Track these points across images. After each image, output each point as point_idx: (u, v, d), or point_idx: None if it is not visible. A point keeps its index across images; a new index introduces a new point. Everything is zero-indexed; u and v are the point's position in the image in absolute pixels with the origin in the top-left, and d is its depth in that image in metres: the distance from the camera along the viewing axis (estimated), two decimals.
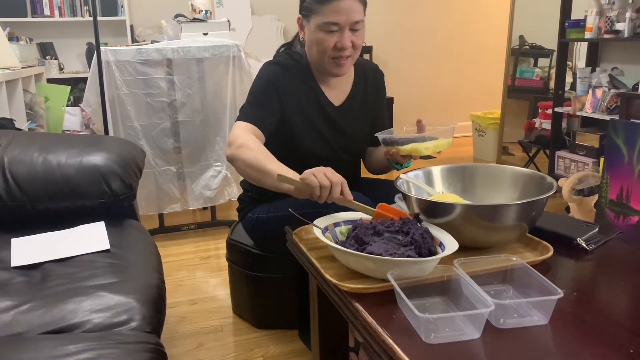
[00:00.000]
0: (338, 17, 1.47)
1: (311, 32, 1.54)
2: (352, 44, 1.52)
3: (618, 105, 2.93)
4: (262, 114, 1.55)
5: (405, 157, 1.42)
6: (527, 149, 3.91)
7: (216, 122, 2.88)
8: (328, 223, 1.21)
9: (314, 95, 1.63)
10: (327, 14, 1.48)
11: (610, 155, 1.81)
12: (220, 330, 1.96)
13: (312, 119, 1.63)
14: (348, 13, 1.47)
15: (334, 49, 1.52)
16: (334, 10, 1.47)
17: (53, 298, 1.21)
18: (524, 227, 1.15)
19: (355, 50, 1.55)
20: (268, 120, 1.55)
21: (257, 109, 1.56)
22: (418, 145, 1.37)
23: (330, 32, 1.50)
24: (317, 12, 1.50)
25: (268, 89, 1.58)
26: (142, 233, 1.68)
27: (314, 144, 1.63)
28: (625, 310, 0.97)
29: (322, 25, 1.50)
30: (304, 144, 1.61)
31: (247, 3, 4.49)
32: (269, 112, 1.56)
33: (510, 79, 4.16)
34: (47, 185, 1.63)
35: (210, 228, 3.00)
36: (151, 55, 2.69)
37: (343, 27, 1.49)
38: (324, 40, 1.51)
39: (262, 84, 1.59)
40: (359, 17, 1.50)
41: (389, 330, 0.88)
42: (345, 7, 1.47)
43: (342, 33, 1.50)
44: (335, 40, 1.50)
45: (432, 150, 1.36)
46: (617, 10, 2.95)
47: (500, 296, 0.98)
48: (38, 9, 4.06)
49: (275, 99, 1.58)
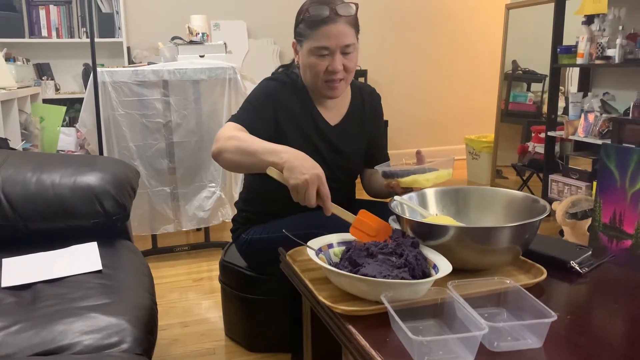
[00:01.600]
0: (328, 41, 1.50)
1: (304, 57, 1.57)
2: (344, 67, 1.54)
3: (610, 129, 2.96)
4: (254, 120, 1.56)
5: (405, 189, 1.41)
6: (521, 172, 3.93)
7: (211, 143, 2.83)
8: (322, 244, 1.20)
9: (310, 114, 1.65)
10: (318, 38, 1.51)
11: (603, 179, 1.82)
12: (212, 353, 1.93)
13: (308, 135, 1.64)
14: (338, 37, 1.50)
15: (326, 73, 1.54)
16: (324, 35, 1.50)
17: (43, 319, 1.19)
18: (517, 249, 1.15)
19: (347, 73, 1.57)
20: (259, 126, 1.55)
21: (249, 115, 1.58)
22: (418, 177, 1.37)
23: (322, 56, 1.53)
24: (309, 37, 1.53)
25: (264, 100, 1.60)
26: (135, 254, 1.67)
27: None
28: (618, 334, 0.97)
29: (313, 49, 1.53)
30: None
31: (243, 26, 4.54)
32: (261, 120, 1.57)
33: (503, 103, 4.20)
34: (40, 205, 1.62)
35: (204, 249, 2.98)
36: (147, 76, 2.71)
37: (334, 51, 1.51)
38: (315, 64, 1.54)
39: (258, 95, 1.61)
40: (350, 41, 1.52)
41: (383, 353, 0.87)
42: (335, 31, 1.49)
43: (333, 57, 1.52)
44: (327, 64, 1.53)
45: (432, 182, 1.37)
46: (607, 36, 3.00)
47: (494, 319, 0.98)
48: (36, 29, 4.09)
49: (270, 110, 1.59)
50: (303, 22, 1.55)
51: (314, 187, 1.22)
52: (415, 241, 1.13)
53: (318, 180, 1.22)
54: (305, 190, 1.21)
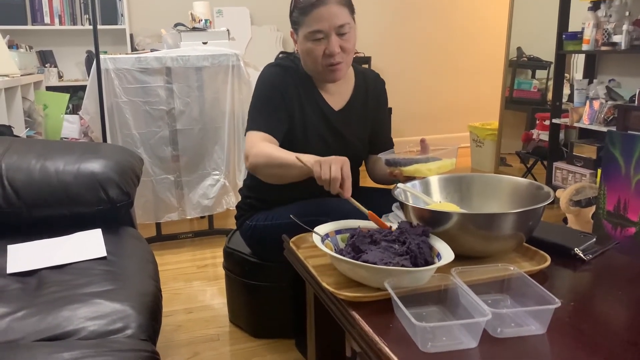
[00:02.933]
0: (321, 24, 1.49)
1: (301, 44, 1.56)
2: (342, 48, 1.53)
3: (615, 116, 2.94)
4: (272, 120, 1.56)
5: (408, 177, 1.41)
6: (525, 160, 3.92)
7: (214, 130, 2.88)
8: (329, 230, 1.21)
9: (313, 99, 1.64)
10: (311, 23, 1.50)
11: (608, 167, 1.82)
12: (216, 339, 1.95)
13: (313, 121, 1.63)
14: (331, 19, 1.49)
15: (325, 57, 1.53)
16: (316, 18, 1.49)
17: (48, 305, 1.20)
18: (520, 236, 1.15)
19: (346, 53, 1.55)
20: (278, 125, 1.57)
21: (265, 116, 1.57)
22: (421, 167, 1.37)
23: (317, 40, 1.52)
24: (302, 23, 1.52)
25: (272, 93, 1.59)
26: (139, 241, 1.67)
27: (316, 146, 1.63)
28: (622, 320, 0.97)
29: (308, 35, 1.52)
30: (306, 146, 1.61)
31: (246, 13, 4.51)
32: (277, 116, 1.58)
33: (508, 91, 4.18)
34: (44, 192, 1.62)
35: (208, 237, 2.99)
36: (150, 63, 2.70)
37: (329, 34, 1.50)
38: (312, 49, 1.53)
39: (265, 89, 1.60)
40: (343, 21, 1.51)
41: (386, 339, 0.87)
42: (327, 13, 1.48)
43: (328, 39, 1.51)
44: (324, 48, 1.52)
45: (435, 171, 1.37)
46: (614, 22, 2.97)
47: (497, 305, 0.98)
48: (38, 17, 4.08)
49: (281, 101, 1.59)
50: (295, 10, 1.54)
51: (339, 164, 1.23)
52: (426, 229, 1.12)
53: (343, 161, 1.25)
54: (330, 163, 1.23)
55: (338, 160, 1.24)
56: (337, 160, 1.24)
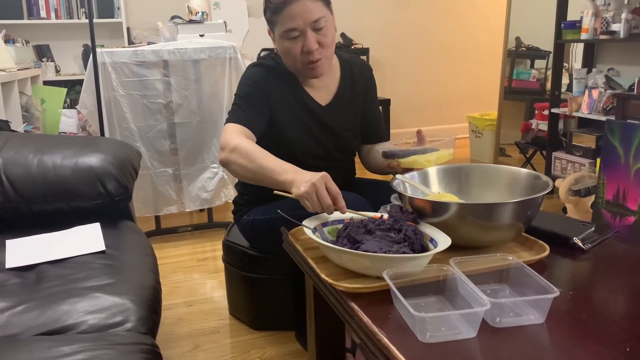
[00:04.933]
0: (294, 22, 1.45)
1: (278, 43, 1.53)
2: (320, 43, 1.48)
3: (614, 106, 2.93)
4: (251, 115, 1.53)
5: (406, 169, 1.39)
6: (524, 150, 3.91)
7: (212, 123, 2.87)
8: (317, 223, 1.20)
9: (299, 96, 1.61)
10: (284, 21, 1.46)
11: (607, 156, 1.81)
12: (216, 331, 1.95)
13: (301, 118, 1.61)
14: (303, 15, 1.44)
15: (303, 54, 1.49)
16: (289, 16, 1.45)
17: (48, 299, 1.20)
18: (519, 226, 1.14)
19: (325, 49, 1.50)
20: (258, 120, 1.54)
21: (245, 110, 1.54)
22: (419, 158, 1.36)
23: (293, 38, 1.48)
24: (276, 22, 1.49)
25: (253, 89, 1.56)
26: (138, 234, 1.67)
27: (307, 143, 1.62)
28: (621, 309, 0.97)
29: (283, 34, 1.48)
30: (297, 144, 1.60)
31: (243, 5, 4.49)
32: (257, 112, 1.55)
33: (506, 81, 4.17)
34: (43, 186, 1.62)
35: (207, 230, 2.99)
36: (147, 56, 2.69)
37: (304, 30, 1.46)
38: (290, 48, 1.49)
39: (247, 85, 1.57)
40: (319, 15, 1.46)
41: (385, 329, 0.87)
42: (300, 9, 1.44)
43: (304, 36, 1.47)
44: (301, 46, 1.48)
45: (433, 162, 1.36)
46: (612, 11, 2.96)
47: (496, 295, 0.98)
48: (34, 11, 4.06)
49: (262, 99, 1.56)
50: (268, 10, 1.50)
51: (323, 186, 1.18)
52: (415, 216, 1.13)
53: (324, 178, 1.19)
54: (315, 191, 1.17)
55: (320, 184, 1.17)
56: (320, 184, 1.17)
